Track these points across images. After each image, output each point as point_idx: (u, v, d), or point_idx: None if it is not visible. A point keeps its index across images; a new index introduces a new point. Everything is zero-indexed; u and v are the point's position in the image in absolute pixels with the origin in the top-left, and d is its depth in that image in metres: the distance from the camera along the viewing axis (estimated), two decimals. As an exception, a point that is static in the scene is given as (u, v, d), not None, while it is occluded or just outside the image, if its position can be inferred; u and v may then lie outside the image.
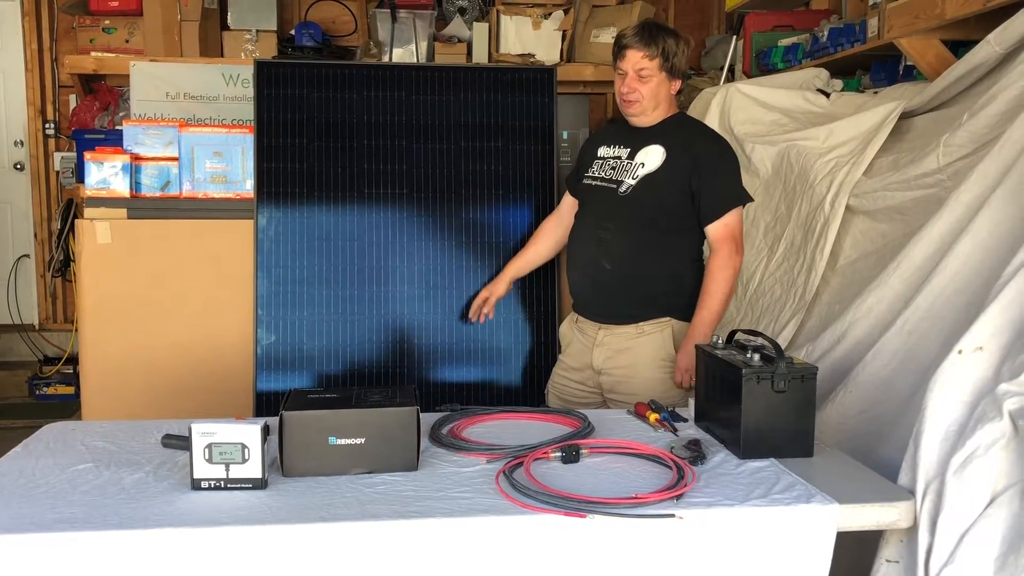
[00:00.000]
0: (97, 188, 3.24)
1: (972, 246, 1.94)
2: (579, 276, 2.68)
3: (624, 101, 2.58)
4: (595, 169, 2.69)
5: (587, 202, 2.70)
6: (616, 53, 2.58)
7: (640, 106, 2.56)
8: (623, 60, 2.54)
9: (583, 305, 2.70)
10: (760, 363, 1.90)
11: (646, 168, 2.56)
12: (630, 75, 2.54)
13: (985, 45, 2.21)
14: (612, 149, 2.69)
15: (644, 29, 2.53)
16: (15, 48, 5.69)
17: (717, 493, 1.69)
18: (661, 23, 2.63)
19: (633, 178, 2.56)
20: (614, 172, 2.63)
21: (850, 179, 2.58)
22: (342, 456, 1.76)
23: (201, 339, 3.26)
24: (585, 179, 2.71)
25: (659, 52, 2.50)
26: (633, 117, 2.61)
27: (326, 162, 3.32)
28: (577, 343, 2.71)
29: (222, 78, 4.78)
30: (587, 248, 2.63)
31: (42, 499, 1.63)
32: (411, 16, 5.12)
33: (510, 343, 3.31)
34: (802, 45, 3.57)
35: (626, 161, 2.62)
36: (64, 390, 5.44)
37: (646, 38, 2.50)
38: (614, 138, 2.71)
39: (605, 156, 2.69)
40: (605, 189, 2.62)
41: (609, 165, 2.65)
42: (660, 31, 2.53)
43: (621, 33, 2.58)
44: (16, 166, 5.81)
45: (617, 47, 2.57)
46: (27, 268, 5.86)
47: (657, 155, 2.56)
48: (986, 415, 1.61)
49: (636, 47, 2.51)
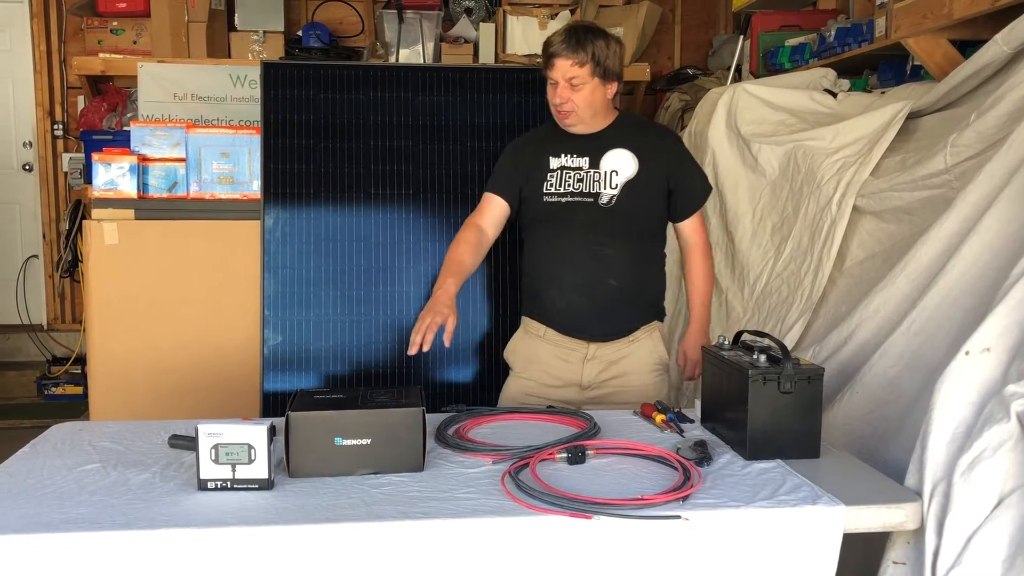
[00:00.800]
0: (104, 189, 3.25)
1: (980, 247, 1.93)
2: (575, 297, 2.48)
3: (558, 112, 2.45)
4: (554, 183, 2.49)
5: (562, 219, 2.49)
6: (545, 62, 2.42)
7: (576, 116, 2.44)
8: (552, 69, 2.39)
9: (575, 327, 2.51)
10: (766, 364, 1.89)
11: (622, 175, 2.46)
12: (561, 84, 2.40)
13: (993, 45, 2.20)
14: (566, 159, 2.50)
15: (571, 34, 2.38)
16: (24, 50, 5.73)
17: (723, 494, 1.68)
18: (590, 24, 2.47)
19: (612, 187, 2.45)
20: (582, 184, 2.47)
21: (857, 179, 2.58)
22: (348, 457, 1.76)
23: (208, 339, 3.27)
24: (547, 195, 2.49)
25: (589, 58, 2.36)
26: (570, 127, 2.48)
27: (333, 163, 3.33)
28: (555, 360, 2.54)
29: (229, 79, 4.80)
30: (583, 268, 2.47)
31: (49, 499, 1.64)
32: (418, 17, 5.13)
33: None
34: (809, 45, 3.56)
35: (591, 171, 2.48)
36: (72, 390, 5.46)
37: (573, 44, 2.35)
38: (562, 147, 2.51)
39: (560, 167, 2.50)
40: (582, 204, 2.46)
41: (573, 177, 2.48)
42: (588, 34, 2.38)
43: (548, 40, 2.42)
44: (25, 167, 5.84)
45: (545, 56, 2.42)
46: (36, 268, 5.89)
47: (628, 160, 2.47)
48: (993, 416, 1.60)
49: (564, 55, 2.36)
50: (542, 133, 2.61)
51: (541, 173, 2.51)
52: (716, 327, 3.04)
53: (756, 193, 3.01)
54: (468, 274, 2.47)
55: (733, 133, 3.12)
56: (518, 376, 2.60)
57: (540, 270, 2.54)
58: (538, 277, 2.55)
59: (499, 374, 3.28)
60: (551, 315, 2.53)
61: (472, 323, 3.30)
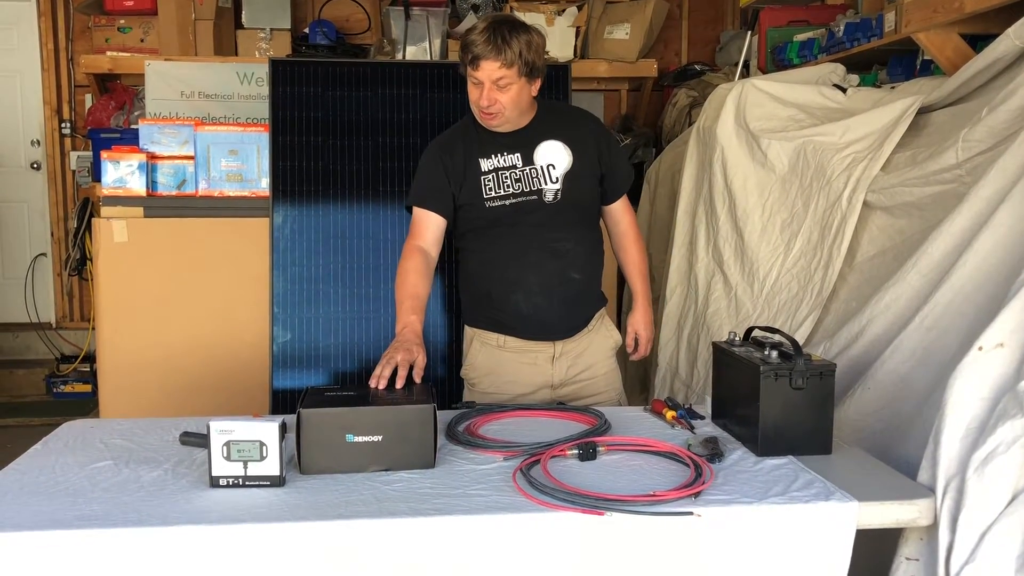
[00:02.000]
0: (113, 187, 3.26)
1: (992, 242, 1.92)
2: (541, 300, 2.41)
3: (484, 114, 2.33)
4: (492, 186, 2.39)
5: (510, 222, 2.40)
6: (468, 61, 2.27)
7: (502, 117, 2.33)
8: (477, 71, 2.26)
9: (542, 330, 2.45)
10: (778, 360, 1.89)
11: (559, 169, 2.40)
12: (487, 86, 2.27)
13: (1005, 39, 2.18)
14: (497, 159, 2.41)
15: (495, 33, 2.23)
16: (31, 48, 5.73)
17: (735, 491, 1.68)
18: (510, 18, 2.34)
19: (553, 182, 2.39)
20: (520, 184, 2.39)
21: (867, 175, 2.56)
22: (359, 454, 1.76)
23: (217, 337, 3.28)
24: (489, 200, 2.39)
25: (516, 57, 2.23)
26: (496, 128, 2.39)
27: (342, 160, 3.33)
28: (522, 367, 2.46)
29: (236, 77, 4.80)
30: (545, 267, 2.39)
31: (62, 496, 1.64)
32: (424, 14, 5.12)
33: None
34: (818, 40, 3.55)
35: (526, 168, 2.40)
36: (81, 388, 5.48)
37: (500, 44, 2.22)
38: (490, 147, 2.41)
39: (494, 168, 2.40)
40: (527, 203, 2.39)
41: (510, 177, 2.39)
42: (512, 32, 2.25)
43: (469, 39, 2.26)
44: (33, 165, 5.86)
45: (467, 55, 2.26)
46: (44, 267, 5.90)
47: (561, 152, 2.42)
48: (1007, 412, 1.60)
49: (490, 57, 2.22)
50: (462, 134, 2.47)
51: (474, 178, 2.40)
52: (726, 324, 3.04)
53: (765, 189, 3.00)
54: (425, 304, 2.34)
55: (742, 129, 3.11)
56: (484, 392, 2.48)
57: (496, 277, 2.44)
58: (494, 284, 2.44)
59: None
60: (513, 322, 2.44)
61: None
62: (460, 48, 2.31)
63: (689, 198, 3.44)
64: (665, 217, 3.95)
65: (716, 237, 3.19)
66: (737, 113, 3.15)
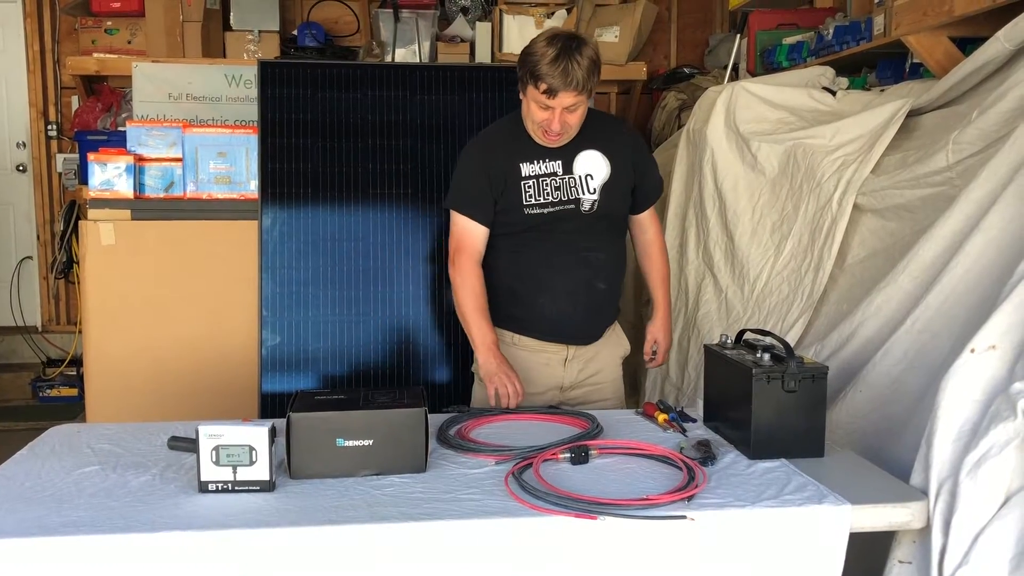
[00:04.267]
0: (101, 189, 3.24)
1: (983, 244, 1.92)
2: (566, 304, 2.44)
3: (550, 136, 2.34)
4: (532, 192, 2.40)
5: (546, 228, 2.42)
6: (540, 90, 2.24)
7: (567, 135, 2.37)
8: (552, 100, 2.24)
9: (561, 334, 2.47)
10: (770, 363, 1.89)
11: (596, 179, 2.42)
12: (559, 111, 2.27)
13: (995, 42, 2.19)
14: (538, 166, 2.41)
15: (569, 63, 2.19)
16: (17, 49, 5.69)
17: (728, 494, 1.67)
18: (574, 37, 2.27)
19: (590, 192, 2.41)
20: (560, 192, 2.40)
21: (858, 177, 2.57)
22: (350, 458, 1.75)
23: (205, 340, 3.26)
24: (528, 207, 2.40)
25: (587, 81, 2.24)
26: (552, 145, 2.39)
27: (331, 162, 3.31)
28: (535, 366, 2.48)
29: (224, 79, 4.77)
30: (574, 275, 2.43)
31: (48, 502, 1.62)
32: (414, 16, 5.11)
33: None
34: (807, 43, 3.56)
35: (565, 176, 2.41)
36: (67, 392, 5.44)
37: (574, 72, 2.20)
38: (532, 152, 2.41)
39: (535, 175, 2.41)
40: (565, 212, 2.41)
41: (550, 185, 2.40)
42: (582, 56, 2.22)
43: (541, 70, 2.21)
44: (19, 168, 5.81)
45: (542, 85, 2.23)
46: (30, 270, 5.86)
47: (599, 162, 2.43)
48: (1000, 414, 1.60)
49: (567, 90, 2.22)
50: (504, 137, 2.47)
51: (515, 182, 2.41)
52: (716, 326, 3.04)
53: (755, 191, 3.00)
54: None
55: (732, 131, 3.11)
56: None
57: (525, 277, 2.46)
58: (521, 284, 2.46)
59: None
60: (535, 322, 2.47)
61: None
62: (526, 70, 2.27)
63: (679, 201, 3.44)
64: (655, 220, 3.94)
65: (706, 239, 3.19)
66: (727, 116, 3.15)
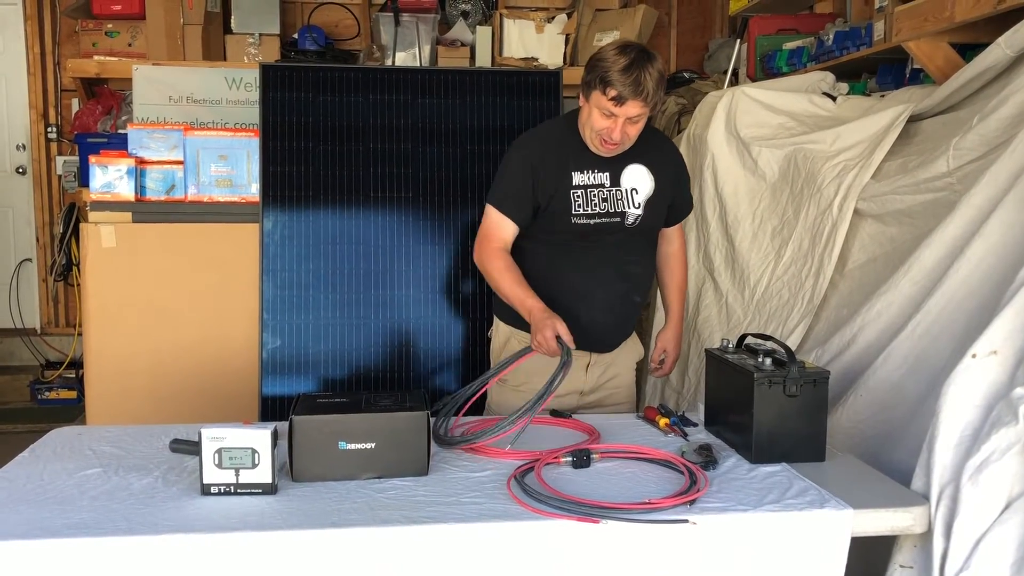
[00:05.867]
0: (101, 192, 3.24)
1: (984, 249, 1.93)
2: (601, 315, 2.43)
3: (608, 144, 2.31)
4: (581, 202, 2.38)
5: (590, 239, 2.41)
6: (608, 96, 2.21)
7: (624, 146, 2.34)
8: (618, 107, 2.21)
9: (589, 342, 2.43)
10: (772, 367, 1.89)
11: (641, 194, 2.41)
12: (622, 121, 2.25)
13: (995, 48, 2.20)
14: (588, 175, 2.39)
15: (640, 74, 2.18)
16: (17, 52, 5.68)
17: (730, 498, 1.68)
18: (645, 51, 2.25)
19: (635, 207, 2.40)
20: (607, 204, 2.39)
21: (858, 182, 2.57)
22: (352, 461, 1.75)
23: (206, 343, 3.26)
24: (576, 216, 2.37)
25: (653, 94, 2.22)
26: (608, 155, 2.36)
27: (332, 166, 3.32)
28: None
29: (225, 82, 4.77)
30: (613, 286, 2.42)
31: (51, 504, 1.62)
32: (414, 20, 5.11)
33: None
34: (807, 48, 3.56)
35: (612, 189, 2.39)
36: (66, 395, 5.42)
37: (644, 83, 2.18)
38: (584, 161, 2.39)
39: (584, 185, 2.39)
40: (610, 224, 2.39)
41: (597, 196, 2.39)
42: (652, 69, 2.20)
43: (612, 77, 2.19)
44: (18, 170, 5.81)
45: (611, 92, 2.20)
46: (29, 272, 5.85)
47: (644, 177, 2.42)
48: (1001, 419, 1.60)
49: (636, 99, 2.20)
50: (557, 142, 2.43)
51: (565, 190, 2.37)
52: (716, 331, 3.04)
53: (756, 196, 3.01)
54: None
55: (732, 136, 3.12)
56: (514, 388, 2.46)
57: (562, 284, 2.43)
58: (559, 291, 2.41)
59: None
60: (579, 333, 2.37)
61: (469, 327, 3.28)
62: (595, 75, 2.23)
63: (680, 205, 3.44)
64: (655, 224, 3.94)
65: (707, 244, 3.20)
66: (728, 120, 3.15)
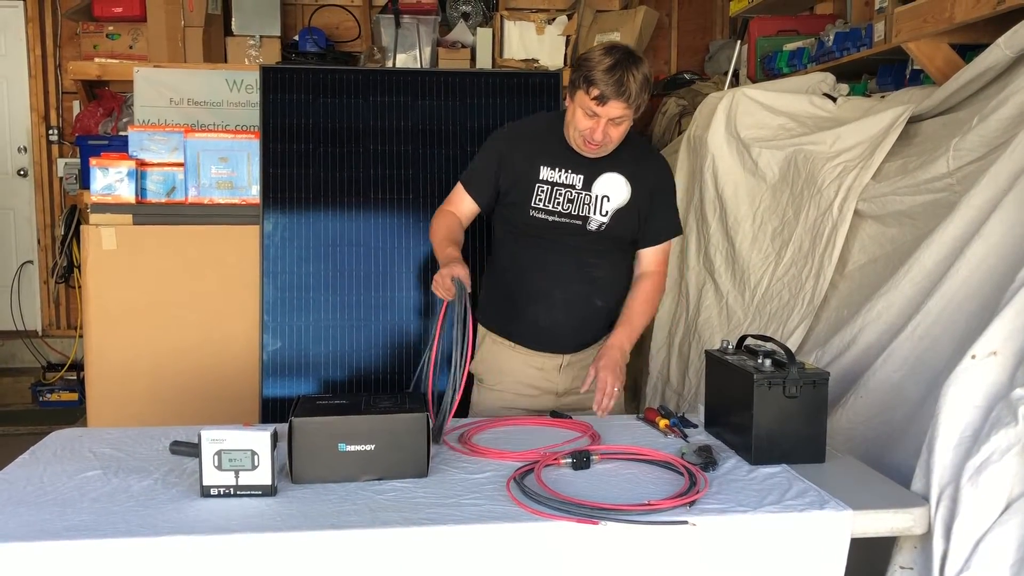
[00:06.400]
0: (102, 194, 3.24)
1: (984, 250, 1.92)
2: (561, 317, 2.42)
3: (591, 144, 2.29)
4: (544, 198, 2.37)
5: (548, 238, 2.40)
6: (590, 95, 2.20)
7: (607, 148, 2.32)
8: (600, 107, 2.21)
9: (552, 343, 2.45)
10: (771, 369, 1.89)
11: (612, 202, 2.38)
12: (604, 122, 2.24)
13: (995, 49, 2.20)
14: (560, 174, 2.37)
15: (624, 74, 2.18)
16: (19, 54, 5.70)
17: (730, 499, 1.68)
18: (632, 52, 2.25)
19: (601, 214, 2.38)
20: (572, 206, 2.37)
21: (858, 183, 2.57)
22: (352, 463, 1.75)
23: (207, 345, 3.26)
24: (535, 210, 2.37)
25: (638, 96, 2.22)
26: (591, 155, 2.35)
27: (332, 167, 3.32)
28: (529, 370, 2.47)
29: (226, 84, 4.77)
30: (572, 287, 2.40)
31: (51, 506, 1.62)
32: (415, 21, 5.11)
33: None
34: (807, 50, 3.56)
35: (583, 192, 2.37)
36: (68, 396, 5.43)
37: (627, 84, 2.18)
38: (558, 159, 2.38)
39: (553, 182, 2.37)
40: (569, 226, 2.38)
41: (563, 196, 2.37)
42: (637, 71, 2.20)
43: (595, 76, 2.19)
44: (20, 172, 5.82)
45: (593, 91, 2.20)
46: (30, 274, 5.86)
47: (621, 187, 2.39)
48: (1001, 420, 1.60)
49: (618, 99, 2.19)
50: (537, 133, 2.44)
51: (530, 183, 2.38)
52: (717, 332, 3.04)
53: (756, 197, 3.01)
54: (460, 243, 2.38)
55: (733, 137, 3.12)
56: (490, 388, 2.49)
57: (524, 286, 2.44)
58: (518, 290, 2.44)
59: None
60: (525, 333, 2.45)
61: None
62: (580, 75, 2.23)
63: (680, 206, 3.44)
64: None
65: (707, 245, 3.20)
66: (728, 122, 3.15)
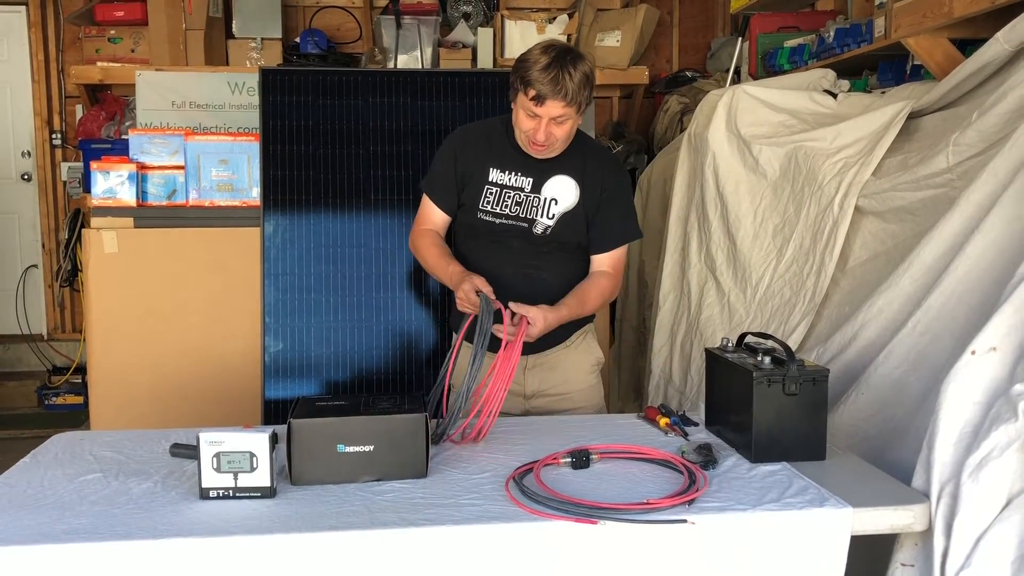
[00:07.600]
0: (103, 198, 3.25)
1: (984, 245, 1.92)
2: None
3: (535, 145, 2.28)
4: (492, 201, 2.37)
5: (494, 240, 2.39)
6: (529, 96, 2.19)
7: (552, 149, 2.30)
8: (539, 107, 2.19)
9: (497, 344, 2.37)
10: (771, 366, 1.88)
11: (560, 205, 2.36)
12: (545, 121, 2.22)
13: (994, 43, 2.19)
14: (509, 176, 2.37)
15: (560, 72, 2.16)
16: (21, 59, 5.72)
17: (729, 498, 1.67)
18: (570, 51, 2.23)
19: (548, 217, 2.36)
20: (520, 208, 2.36)
21: (859, 180, 2.56)
22: (351, 464, 1.75)
23: (209, 347, 3.26)
24: (482, 212, 2.37)
25: (578, 94, 2.19)
26: (539, 156, 2.33)
27: (333, 169, 3.32)
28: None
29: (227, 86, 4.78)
30: (517, 289, 2.32)
31: (50, 509, 1.62)
32: (416, 22, 5.12)
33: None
34: (808, 46, 3.55)
35: (531, 195, 2.36)
36: (73, 400, 5.45)
37: (564, 83, 2.16)
38: (506, 161, 2.37)
39: (502, 184, 2.37)
40: (515, 228, 2.37)
41: (511, 199, 2.36)
42: (575, 69, 2.17)
43: (532, 76, 2.17)
44: (23, 177, 5.84)
45: (531, 92, 2.18)
46: (35, 278, 5.88)
47: (570, 189, 2.37)
48: (1001, 416, 1.59)
49: (555, 98, 2.17)
50: (488, 134, 2.42)
51: (479, 184, 2.38)
52: (719, 330, 3.03)
53: (757, 195, 3.00)
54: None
55: (733, 135, 3.11)
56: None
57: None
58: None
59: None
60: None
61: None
62: (517, 76, 2.23)
63: (681, 204, 3.44)
64: (657, 223, 3.94)
65: (708, 243, 3.19)
66: (728, 119, 3.15)
